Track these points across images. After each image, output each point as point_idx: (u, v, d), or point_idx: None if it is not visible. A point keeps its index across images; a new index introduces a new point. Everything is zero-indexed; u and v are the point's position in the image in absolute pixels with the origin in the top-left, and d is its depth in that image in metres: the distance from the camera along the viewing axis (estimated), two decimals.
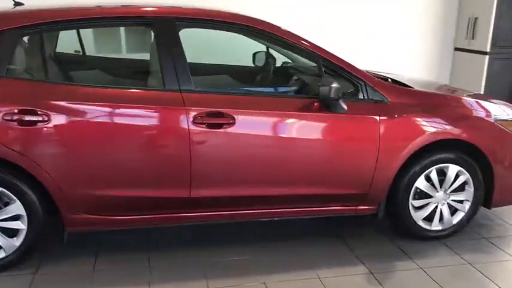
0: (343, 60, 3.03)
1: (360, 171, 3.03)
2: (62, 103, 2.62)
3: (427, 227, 3.26)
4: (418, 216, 3.22)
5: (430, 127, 3.05)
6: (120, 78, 3.19)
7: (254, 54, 3.87)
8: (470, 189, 3.24)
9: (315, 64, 3.05)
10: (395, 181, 3.11)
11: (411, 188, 3.14)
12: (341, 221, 3.46)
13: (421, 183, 3.15)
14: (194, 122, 2.74)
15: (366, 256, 3.07)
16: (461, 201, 3.27)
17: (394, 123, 3.01)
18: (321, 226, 3.44)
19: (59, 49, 3.20)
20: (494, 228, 3.52)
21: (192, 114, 2.73)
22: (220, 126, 2.78)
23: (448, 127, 3.09)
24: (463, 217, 3.30)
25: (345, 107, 2.91)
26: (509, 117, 3.28)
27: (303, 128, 2.92)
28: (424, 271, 2.92)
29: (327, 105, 2.89)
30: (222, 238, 3.23)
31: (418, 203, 3.19)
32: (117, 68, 3.18)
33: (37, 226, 2.74)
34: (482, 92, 5.89)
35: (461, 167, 3.18)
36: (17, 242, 2.74)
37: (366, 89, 3.02)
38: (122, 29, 3.43)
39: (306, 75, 3.31)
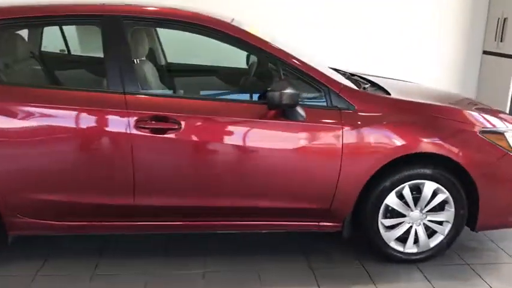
0: (306, 64, 2.79)
1: (319, 184, 2.78)
2: (8, 104, 2.56)
3: (400, 249, 2.96)
4: (390, 237, 2.92)
5: (401, 139, 2.75)
6: (64, 78, 3.10)
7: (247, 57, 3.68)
8: (450, 210, 2.91)
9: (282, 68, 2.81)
10: (362, 197, 2.83)
11: (380, 205, 2.85)
12: (316, 235, 3.19)
13: (391, 200, 2.85)
14: (137, 126, 2.60)
15: (325, 277, 2.82)
16: (440, 223, 2.94)
17: (359, 133, 2.73)
18: (292, 241, 3.20)
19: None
20: (482, 254, 3.15)
21: (135, 118, 2.60)
22: (164, 131, 2.62)
23: (423, 140, 2.78)
24: (442, 240, 2.97)
25: (303, 114, 2.68)
26: (498, 129, 2.91)
27: (255, 136, 2.70)
28: None
29: (283, 112, 2.67)
30: (173, 250, 3.07)
31: (389, 222, 2.90)
32: (63, 67, 3.09)
33: None
34: (510, 99, 5.42)
35: (439, 184, 2.85)
36: None
37: (330, 95, 2.77)
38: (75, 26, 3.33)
39: (269, 79, 3.09)
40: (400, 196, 2.86)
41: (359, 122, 2.73)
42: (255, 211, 2.83)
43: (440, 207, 2.91)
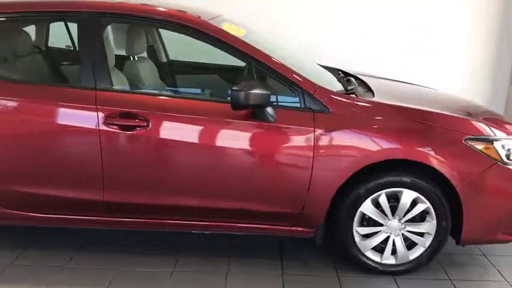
0: (280, 64, 2.72)
1: (290, 188, 2.70)
2: None
3: (377, 260, 2.82)
4: (366, 246, 2.79)
5: (375, 144, 2.63)
6: (39, 72, 3.16)
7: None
8: (432, 221, 2.74)
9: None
10: (337, 203, 2.73)
11: (355, 213, 2.73)
12: (300, 241, 3.04)
13: (367, 208, 2.72)
14: (105, 123, 2.62)
15: (293, 285, 2.72)
16: (421, 234, 2.78)
17: (332, 136, 2.63)
18: (272, 245, 3.12)
19: None
20: (469, 269, 2.95)
21: (103, 114, 2.62)
22: (132, 128, 2.63)
23: (400, 146, 2.64)
24: (422, 253, 2.80)
25: (273, 115, 2.61)
26: (486, 137, 2.72)
27: (223, 137, 2.65)
28: None
29: (253, 113, 2.61)
30: (145, 247, 3.06)
31: (364, 230, 2.77)
32: (40, 61, 3.16)
33: None
34: None
35: (419, 193, 2.70)
36: None
37: (304, 97, 2.68)
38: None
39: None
40: (377, 204, 2.73)
41: (333, 125, 2.63)
42: (225, 212, 2.78)
43: (421, 217, 2.76)
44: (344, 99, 2.76)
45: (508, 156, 2.72)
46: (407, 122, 2.70)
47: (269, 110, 2.60)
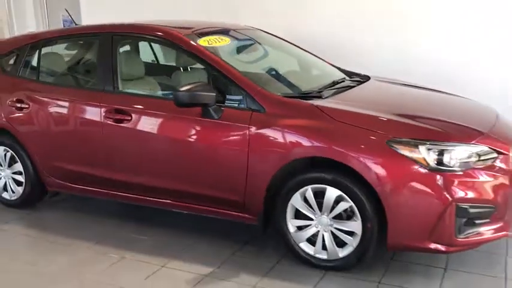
0: (231, 71, 3.15)
1: (232, 177, 3.09)
2: (38, 96, 3.76)
3: (311, 252, 2.98)
4: (299, 238, 2.99)
5: (299, 141, 2.85)
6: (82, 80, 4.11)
7: None
8: (357, 221, 2.80)
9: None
10: (275, 195, 3.01)
11: (287, 205, 2.97)
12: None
13: (296, 201, 2.94)
14: (105, 116, 3.44)
15: (231, 264, 3.09)
16: (351, 233, 2.85)
17: (263, 133, 2.95)
18: (243, 231, 3.49)
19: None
20: (409, 275, 2.84)
21: (104, 109, 3.45)
22: (121, 121, 3.39)
23: (319, 144, 2.80)
24: (351, 252, 2.86)
25: (217, 113, 3.06)
26: (411, 141, 2.67)
27: (179, 129, 3.22)
28: None
29: (202, 111, 3.10)
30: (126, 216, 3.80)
31: (297, 222, 2.98)
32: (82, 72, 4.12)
33: (34, 184, 3.95)
34: None
35: (342, 191, 2.80)
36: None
37: (247, 99, 3.06)
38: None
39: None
40: (305, 199, 2.91)
41: (265, 123, 2.95)
42: (184, 194, 3.31)
43: (348, 216, 2.83)
44: (280, 101, 3.02)
45: (439, 161, 2.62)
46: (331, 122, 2.83)
47: (212, 109, 3.05)
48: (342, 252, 2.89)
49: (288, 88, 3.40)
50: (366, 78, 3.90)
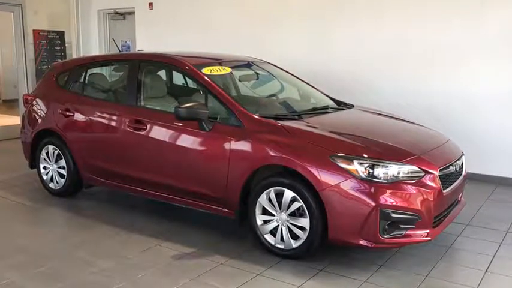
0: (223, 95, 3.99)
1: (217, 178, 3.87)
2: (81, 106, 4.77)
3: (272, 242, 3.68)
4: (264, 230, 3.71)
5: (263, 152, 3.61)
6: (115, 95, 5.06)
7: None
8: (306, 218, 3.48)
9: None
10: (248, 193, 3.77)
11: (256, 202, 3.71)
12: None
13: (263, 200, 3.67)
14: (128, 125, 4.37)
15: (210, 245, 3.86)
16: (302, 228, 3.53)
17: (239, 144, 3.73)
18: (230, 224, 4.24)
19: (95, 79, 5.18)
20: (349, 265, 3.48)
21: (127, 120, 4.38)
22: (139, 129, 4.30)
23: (277, 155, 3.54)
24: (302, 244, 3.53)
25: (206, 126, 3.88)
26: (347, 156, 3.35)
27: (178, 137, 4.09)
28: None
29: (198, 124, 3.94)
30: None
31: (263, 217, 3.70)
32: (115, 89, 5.08)
33: (74, 177, 4.93)
34: None
35: (296, 193, 3.50)
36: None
37: (232, 116, 3.86)
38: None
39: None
40: (269, 198, 3.64)
41: (242, 136, 3.73)
42: (177, 190, 4.14)
43: (301, 214, 3.53)
44: (254, 119, 3.79)
45: (370, 173, 3.28)
46: (290, 138, 3.58)
47: (203, 122, 3.88)
48: (295, 244, 3.58)
49: (271, 110, 4.18)
50: (350, 106, 4.62)
